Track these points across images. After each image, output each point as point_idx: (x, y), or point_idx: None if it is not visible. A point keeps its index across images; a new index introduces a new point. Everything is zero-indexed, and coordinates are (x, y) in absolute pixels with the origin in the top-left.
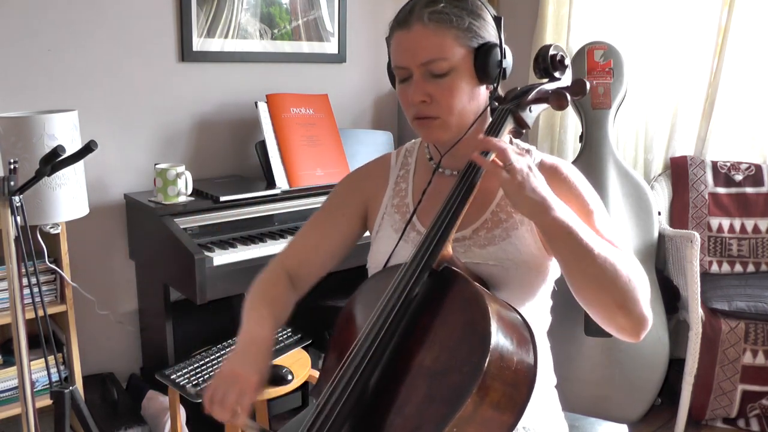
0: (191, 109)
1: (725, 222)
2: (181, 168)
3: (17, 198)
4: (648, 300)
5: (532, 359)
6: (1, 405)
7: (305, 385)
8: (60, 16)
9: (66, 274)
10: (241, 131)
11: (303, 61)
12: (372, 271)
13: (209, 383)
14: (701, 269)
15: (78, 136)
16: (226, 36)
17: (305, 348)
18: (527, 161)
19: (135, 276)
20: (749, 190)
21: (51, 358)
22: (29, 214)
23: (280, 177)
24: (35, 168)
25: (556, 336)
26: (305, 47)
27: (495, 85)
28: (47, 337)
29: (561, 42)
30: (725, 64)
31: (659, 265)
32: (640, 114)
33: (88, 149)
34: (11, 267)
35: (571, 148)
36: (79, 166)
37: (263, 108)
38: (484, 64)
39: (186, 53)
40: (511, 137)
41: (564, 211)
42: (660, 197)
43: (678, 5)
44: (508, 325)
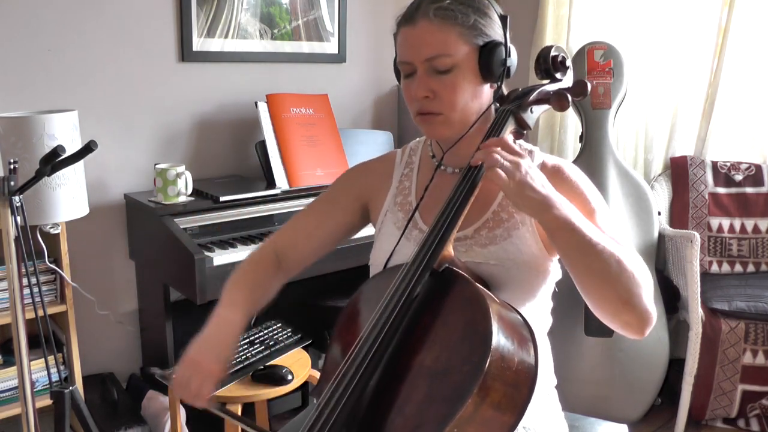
0: (191, 109)
1: (725, 222)
2: (181, 168)
3: (17, 198)
4: (651, 296)
5: (532, 359)
6: (1, 405)
7: (305, 385)
8: (60, 16)
9: (66, 274)
10: (241, 131)
11: (303, 61)
12: (374, 269)
13: (178, 366)
14: (701, 269)
15: (78, 136)
16: (226, 36)
17: (305, 348)
18: (526, 161)
19: (135, 276)
20: (749, 190)
21: (51, 358)
22: (29, 214)
23: (280, 177)
24: (35, 168)
25: (556, 336)
26: (305, 47)
27: (499, 84)
28: (47, 337)
29: (561, 42)
30: (725, 64)
31: (659, 265)
32: (640, 114)
33: (88, 149)
34: (11, 267)
35: (571, 148)
36: (79, 166)
37: (263, 108)
38: (488, 62)
39: (186, 53)
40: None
41: (566, 207)
42: (660, 197)
43: (678, 5)
44: (509, 326)
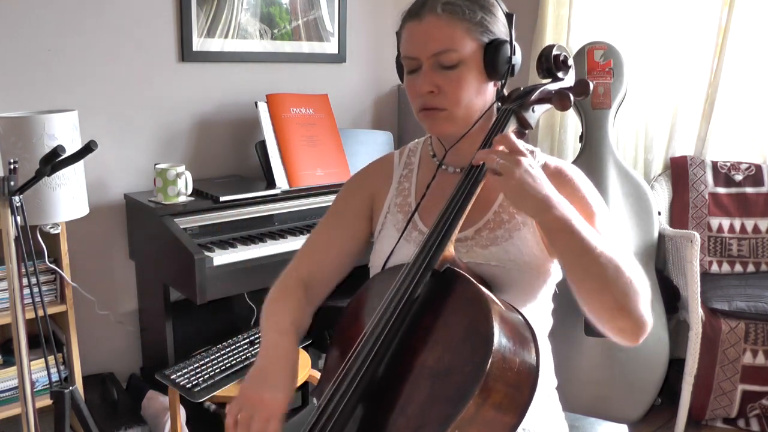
0: (191, 109)
1: (725, 222)
2: (181, 168)
3: (17, 198)
4: (648, 304)
5: (534, 360)
6: (1, 405)
7: (305, 385)
8: (60, 16)
9: (66, 274)
10: (241, 131)
11: (303, 61)
12: (374, 272)
13: (232, 405)
14: (701, 269)
15: (78, 136)
16: (226, 36)
17: (305, 348)
18: (527, 160)
19: (135, 276)
20: (749, 190)
21: (51, 358)
22: (29, 214)
23: (280, 177)
24: (35, 168)
25: (556, 336)
26: (305, 47)
27: (503, 82)
28: (47, 337)
29: (561, 42)
30: (725, 64)
31: (659, 265)
32: (640, 114)
33: (88, 149)
34: (11, 267)
35: (571, 148)
36: (79, 166)
37: (263, 108)
38: (493, 60)
39: (186, 53)
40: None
41: (566, 209)
42: (660, 197)
43: (678, 5)
44: (510, 326)
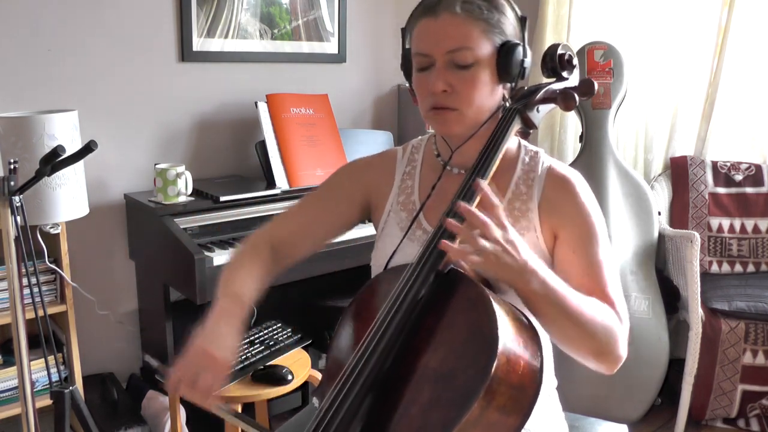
0: (191, 109)
1: (725, 222)
2: (181, 168)
3: (17, 198)
4: (625, 338)
5: (538, 361)
6: (1, 405)
7: (305, 385)
8: (60, 16)
9: (66, 274)
10: (241, 131)
11: (303, 61)
12: (376, 270)
13: (178, 361)
14: (701, 269)
15: (78, 136)
16: (226, 36)
17: (305, 348)
18: (499, 233)
19: (135, 276)
20: (749, 190)
21: (51, 358)
22: (29, 214)
23: (280, 177)
24: (35, 168)
25: None
26: (305, 47)
27: (513, 85)
28: (47, 337)
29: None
30: (725, 64)
31: (659, 265)
32: (640, 114)
33: (88, 149)
34: (11, 267)
35: (571, 148)
36: (79, 166)
37: (263, 108)
38: (506, 62)
39: (186, 53)
40: (519, 137)
41: (544, 275)
42: (660, 197)
43: (678, 5)
44: (514, 328)
